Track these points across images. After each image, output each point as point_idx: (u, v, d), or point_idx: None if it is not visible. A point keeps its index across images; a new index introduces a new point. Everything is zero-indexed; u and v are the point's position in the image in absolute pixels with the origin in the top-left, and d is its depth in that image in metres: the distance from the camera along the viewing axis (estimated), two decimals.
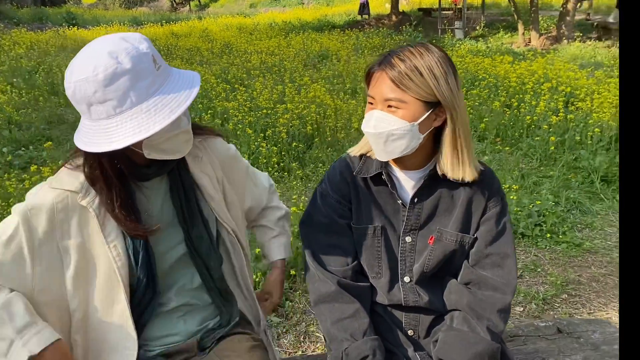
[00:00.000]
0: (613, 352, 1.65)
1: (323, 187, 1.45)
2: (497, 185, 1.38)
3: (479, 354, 1.27)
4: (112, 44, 1.09)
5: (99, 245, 1.21)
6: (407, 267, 1.40)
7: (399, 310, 1.44)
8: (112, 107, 1.07)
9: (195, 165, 1.35)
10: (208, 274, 1.35)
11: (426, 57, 1.23)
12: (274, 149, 4.58)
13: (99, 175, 1.19)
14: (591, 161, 4.78)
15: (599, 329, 1.79)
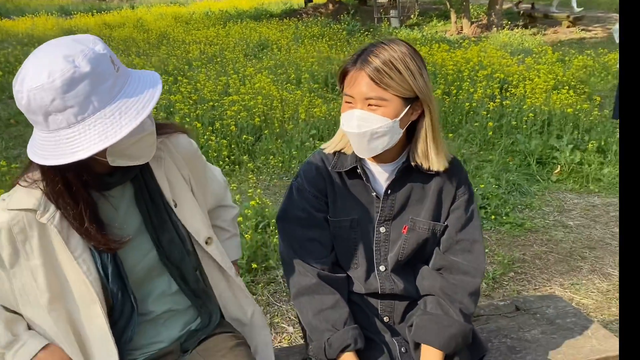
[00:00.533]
0: (566, 326, 1.80)
1: (299, 181, 1.48)
2: (464, 174, 1.47)
3: (453, 336, 1.36)
4: (65, 47, 1.01)
5: (67, 262, 1.15)
6: (382, 256, 1.47)
7: (374, 298, 1.51)
8: (73, 115, 0.99)
9: (159, 168, 1.28)
10: (182, 278, 1.31)
11: (400, 53, 1.28)
12: (223, 142, 4.55)
13: (62, 190, 1.11)
14: (527, 144, 5.05)
15: (552, 304, 1.93)
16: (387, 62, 1.27)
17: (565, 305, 1.91)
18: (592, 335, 1.74)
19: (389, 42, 1.32)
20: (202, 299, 1.37)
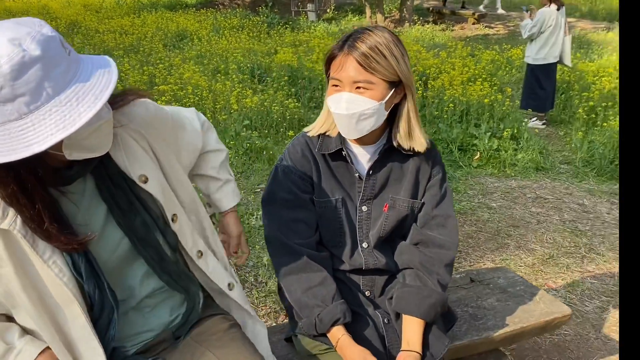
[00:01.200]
0: (517, 293, 1.98)
1: (284, 164, 1.53)
2: (438, 155, 1.58)
3: (433, 305, 1.47)
4: (9, 30, 0.90)
5: (38, 266, 1.08)
6: (364, 233, 1.55)
7: (356, 275, 1.59)
8: (25, 104, 0.89)
9: (116, 148, 1.16)
10: (160, 260, 1.24)
11: (384, 39, 1.36)
12: None
13: (15, 190, 1.00)
14: (449, 133, 5.36)
15: (501, 275, 2.12)
16: (373, 47, 1.34)
17: (513, 276, 2.11)
18: (540, 300, 1.94)
19: (373, 29, 1.39)
20: (182, 280, 1.31)
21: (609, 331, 2.59)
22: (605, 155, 4.95)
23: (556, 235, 3.60)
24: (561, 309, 1.89)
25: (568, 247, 3.45)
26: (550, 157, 5.16)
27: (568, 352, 2.43)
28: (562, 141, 5.78)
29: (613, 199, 4.28)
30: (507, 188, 4.49)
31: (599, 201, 4.23)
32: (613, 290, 2.95)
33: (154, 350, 1.30)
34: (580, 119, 5.87)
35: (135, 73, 5.84)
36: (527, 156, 5.06)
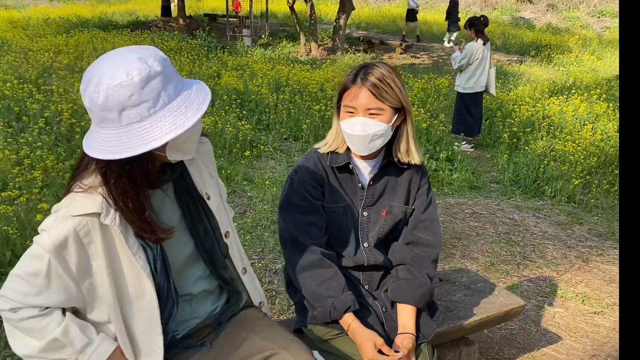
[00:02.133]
0: (478, 289, 2.31)
1: (299, 175, 1.77)
2: (425, 168, 1.88)
3: (424, 294, 1.75)
4: (137, 52, 1.14)
5: (125, 259, 1.27)
6: (365, 235, 1.82)
7: (357, 271, 1.85)
8: (147, 109, 1.11)
9: (191, 165, 1.44)
10: (213, 264, 1.49)
11: (388, 73, 1.65)
12: None
13: (126, 184, 1.20)
14: None
15: (464, 275, 2.45)
16: (382, 79, 1.63)
17: (474, 275, 2.44)
18: (499, 294, 2.28)
19: (378, 64, 1.69)
20: (230, 284, 1.56)
21: (547, 325, 2.99)
22: (528, 175, 5.52)
23: (494, 246, 4.03)
24: (516, 300, 2.23)
25: (505, 256, 3.88)
26: (481, 177, 5.67)
27: (515, 343, 2.79)
28: (489, 163, 6.35)
29: (538, 213, 4.81)
30: (446, 205, 4.91)
31: (526, 216, 4.74)
32: (546, 291, 3.38)
33: (199, 335, 1.50)
34: (505, 143, 6.48)
35: None
36: (461, 176, 5.54)
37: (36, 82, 6.41)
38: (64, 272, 1.22)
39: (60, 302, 1.25)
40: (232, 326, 1.53)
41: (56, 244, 1.19)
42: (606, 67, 13.11)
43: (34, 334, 1.25)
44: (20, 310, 1.23)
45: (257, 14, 16.45)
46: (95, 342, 1.30)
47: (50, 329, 1.24)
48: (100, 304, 1.30)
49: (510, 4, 23.56)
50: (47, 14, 17.11)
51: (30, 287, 1.22)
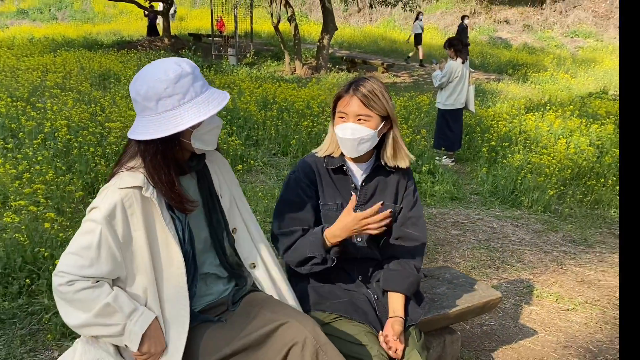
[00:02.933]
0: (460, 283, 2.53)
1: (296, 174, 1.99)
2: (411, 171, 2.10)
3: (412, 283, 1.96)
4: (172, 59, 1.50)
5: (160, 228, 1.54)
6: None
7: (351, 264, 2.05)
8: (177, 100, 1.44)
9: (211, 168, 1.74)
10: (222, 253, 1.73)
11: (377, 86, 1.89)
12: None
13: (159, 160, 1.49)
14: None
15: (446, 271, 2.67)
16: (372, 91, 1.87)
17: (456, 272, 2.67)
18: (478, 287, 2.50)
19: (369, 79, 1.92)
20: (236, 271, 1.79)
21: (524, 321, 3.22)
22: (507, 186, 5.80)
23: (475, 252, 4.27)
24: (494, 293, 2.46)
25: (485, 261, 4.11)
26: (462, 189, 5.93)
27: (495, 337, 3.01)
28: (469, 176, 6.62)
29: (516, 222, 5.08)
30: (429, 214, 5.15)
31: (505, 224, 5.00)
32: (524, 291, 3.61)
33: (215, 312, 1.71)
34: (484, 156, 6.78)
35: (81, 110, 5.98)
36: (443, 188, 5.79)
37: (29, 100, 6.55)
38: (113, 242, 1.45)
39: (108, 272, 1.47)
40: (243, 304, 1.74)
41: (106, 214, 1.44)
42: (580, 85, 13.64)
43: (87, 304, 1.44)
44: (76, 282, 1.43)
45: (242, 34, 16.77)
46: (140, 309, 1.51)
47: (102, 297, 1.45)
48: (137, 274, 1.52)
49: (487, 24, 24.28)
50: (31, 34, 17.24)
51: (84, 260, 1.44)
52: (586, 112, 9.19)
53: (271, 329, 1.55)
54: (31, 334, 2.60)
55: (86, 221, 1.47)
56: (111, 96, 7.60)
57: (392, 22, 25.69)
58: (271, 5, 14.49)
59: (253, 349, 1.56)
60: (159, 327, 1.54)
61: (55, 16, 28.03)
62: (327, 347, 1.55)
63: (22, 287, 2.85)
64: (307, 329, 1.54)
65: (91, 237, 1.44)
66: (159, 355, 1.53)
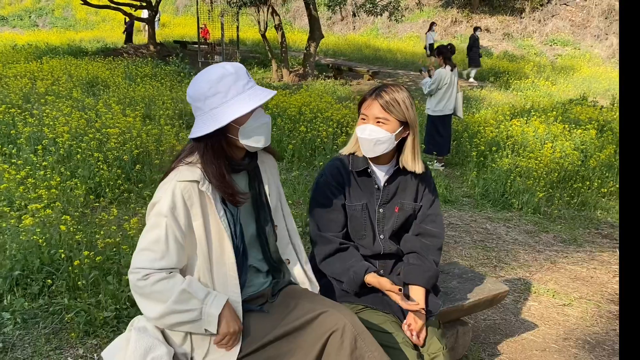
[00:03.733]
0: (469, 278, 2.66)
1: (324, 178, 2.10)
2: (430, 173, 2.22)
3: (431, 277, 2.08)
4: (220, 63, 1.64)
5: (214, 220, 1.66)
6: (382, 228, 2.14)
7: (374, 259, 2.17)
8: (221, 98, 1.56)
9: (262, 168, 1.85)
10: (267, 248, 1.84)
11: (401, 93, 2.01)
12: (118, 172, 4.72)
13: (211, 154, 1.62)
14: None
15: (455, 267, 2.80)
16: (392, 97, 1.99)
17: (464, 267, 2.80)
18: (487, 282, 2.63)
19: (394, 86, 2.04)
20: (277, 266, 1.90)
21: (524, 316, 3.36)
22: (497, 189, 5.98)
23: (471, 252, 4.42)
24: (502, 287, 2.59)
25: (483, 260, 4.26)
26: (453, 192, 6.10)
27: (499, 331, 3.15)
28: (460, 179, 6.80)
29: (508, 223, 5.25)
30: None
31: (497, 226, 5.17)
32: (521, 288, 3.76)
33: (255, 303, 1.81)
34: (473, 161, 6.96)
35: (77, 116, 6.01)
36: (439, 190, 5.94)
37: (23, 107, 6.55)
38: (178, 232, 1.57)
39: (178, 262, 1.58)
40: (282, 296, 1.85)
41: (169, 206, 1.56)
42: (560, 92, 14.00)
43: (164, 294, 1.55)
44: (151, 275, 1.54)
45: (227, 41, 16.84)
46: (213, 292, 1.63)
47: (177, 286, 1.56)
48: (195, 262, 1.63)
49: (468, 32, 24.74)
50: (14, 41, 17.08)
51: (155, 254, 1.54)
52: (568, 118, 9.47)
53: (312, 317, 1.65)
54: (54, 332, 2.66)
55: (151, 217, 1.58)
56: (103, 102, 7.64)
57: (376, 30, 26.00)
58: (258, 13, 14.60)
59: (294, 336, 1.66)
60: (232, 308, 1.65)
61: (35, 23, 27.79)
62: (364, 334, 1.66)
63: (41, 288, 2.91)
64: (346, 317, 1.65)
65: (159, 231, 1.55)
66: (238, 335, 1.65)
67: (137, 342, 1.59)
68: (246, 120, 1.62)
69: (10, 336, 2.61)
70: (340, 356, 1.62)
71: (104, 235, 3.36)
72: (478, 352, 2.86)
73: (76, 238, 3.23)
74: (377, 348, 1.66)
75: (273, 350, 1.67)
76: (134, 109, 7.30)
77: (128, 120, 6.10)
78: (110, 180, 4.60)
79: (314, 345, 1.63)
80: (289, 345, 1.67)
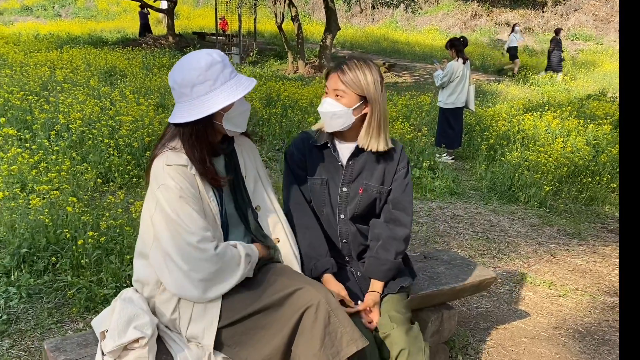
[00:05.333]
0: (457, 264, 2.72)
1: (291, 149, 2.16)
2: (404, 154, 2.16)
3: (389, 269, 2.05)
4: (204, 50, 1.69)
5: (205, 201, 1.76)
6: (343, 208, 2.13)
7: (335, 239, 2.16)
8: (209, 85, 1.63)
9: (238, 151, 1.93)
10: (247, 224, 1.91)
11: (363, 68, 1.98)
12: (128, 158, 4.85)
13: (194, 139, 1.70)
14: None
15: (445, 254, 2.85)
16: (353, 70, 1.98)
17: (454, 254, 2.85)
18: (474, 268, 2.68)
19: (358, 59, 2.03)
20: (263, 244, 1.95)
21: (517, 305, 3.40)
22: (504, 182, 5.99)
23: (472, 242, 4.45)
24: (489, 273, 2.64)
25: (482, 250, 4.30)
26: (461, 185, 6.12)
27: (490, 318, 3.20)
28: (468, 173, 6.81)
29: (512, 216, 5.26)
30: (429, 208, 5.33)
31: (502, 218, 5.19)
32: (518, 278, 3.80)
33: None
34: (483, 154, 6.96)
35: (92, 104, 6.17)
36: (442, 183, 5.98)
37: (40, 94, 6.74)
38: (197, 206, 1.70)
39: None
40: (262, 272, 1.90)
41: (178, 187, 1.67)
42: (579, 88, 13.82)
43: (234, 260, 1.73)
44: (218, 246, 1.70)
45: (245, 33, 16.95)
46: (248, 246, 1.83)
47: (236, 252, 1.74)
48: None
49: (488, 26, 24.47)
50: (36, 30, 17.43)
51: (195, 222, 1.67)
52: (584, 113, 9.37)
53: (289, 293, 1.73)
54: (57, 307, 2.79)
55: (166, 202, 1.67)
56: (119, 91, 7.79)
57: (395, 22, 25.87)
58: (275, 5, 14.67)
59: (272, 310, 1.74)
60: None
61: (58, 13, 28.27)
62: (338, 310, 1.73)
63: (47, 266, 3.04)
64: (321, 294, 1.72)
65: (187, 207, 1.67)
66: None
67: (122, 311, 1.69)
68: (230, 107, 1.71)
69: (15, 309, 2.74)
70: (314, 330, 1.69)
71: (109, 217, 3.48)
72: (466, 337, 2.91)
73: (82, 219, 3.35)
74: (349, 323, 1.73)
75: (251, 323, 1.76)
76: (148, 98, 7.44)
77: (141, 108, 6.22)
78: (120, 166, 4.73)
79: (290, 319, 1.71)
80: (266, 318, 1.75)
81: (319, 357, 1.67)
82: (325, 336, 1.68)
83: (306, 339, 1.69)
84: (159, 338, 1.76)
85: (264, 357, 1.72)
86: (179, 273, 1.67)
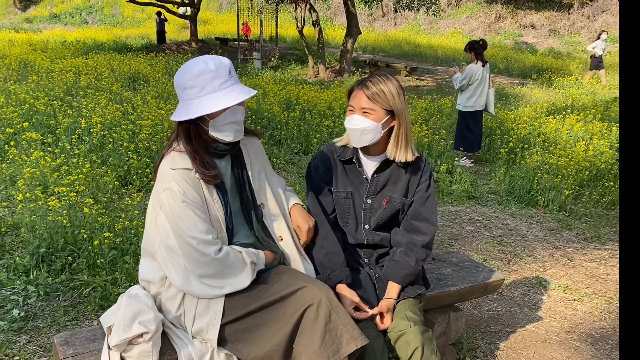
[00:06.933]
0: (465, 266, 2.71)
1: (315, 162, 2.20)
2: (427, 168, 2.21)
3: (408, 275, 2.09)
4: (207, 55, 1.76)
5: (209, 203, 1.81)
6: (367, 219, 2.19)
7: (359, 248, 2.23)
8: (196, 92, 1.68)
9: (244, 151, 1.97)
10: (251, 222, 1.96)
11: (387, 83, 2.05)
12: (147, 161, 4.96)
13: (190, 137, 1.77)
14: None
15: (454, 256, 2.85)
16: (378, 86, 2.03)
17: (462, 256, 2.85)
18: (482, 270, 2.67)
19: (380, 75, 2.10)
20: (265, 244, 1.99)
21: (530, 308, 3.37)
22: (523, 186, 5.92)
23: (487, 246, 4.42)
24: (497, 275, 2.63)
25: (497, 254, 4.26)
26: (479, 188, 6.07)
27: (501, 321, 3.17)
28: (488, 176, 6.75)
29: (531, 220, 5.20)
30: (445, 212, 5.31)
31: (519, 222, 5.13)
32: (532, 282, 3.76)
33: None
34: (502, 158, 6.89)
35: (113, 108, 6.32)
36: (460, 187, 5.94)
37: (64, 100, 6.92)
38: (200, 209, 1.75)
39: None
40: (268, 272, 1.94)
41: (182, 192, 1.72)
42: (605, 90, 13.57)
43: (238, 264, 1.79)
44: (221, 249, 1.76)
45: (267, 38, 17.11)
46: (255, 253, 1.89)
47: (240, 257, 1.80)
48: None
49: (513, 29, 24.21)
50: (63, 37, 17.88)
51: (196, 226, 1.72)
52: (609, 116, 9.21)
53: (291, 291, 1.77)
54: (73, 305, 2.87)
55: (170, 208, 1.72)
56: (141, 96, 7.95)
57: (417, 26, 25.79)
58: (296, 10, 14.77)
59: (274, 307, 1.78)
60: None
61: (85, 20, 28.97)
62: (338, 309, 1.75)
63: (64, 265, 3.13)
64: (323, 292, 1.75)
65: (188, 212, 1.73)
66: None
67: (127, 306, 1.74)
68: (218, 115, 1.74)
69: (33, 307, 2.84)
70: (315, 328, 1.72)
71: (125, 219, 3.57)
72: (475, 339, 2.90)
73: (99, 220, 3.44)
74: (350, 322, 1.75)
75: (254, 320, 1.80)
76: (169, 102, 7.57)
77: (161, 113, 6.34)
78: (139, 169, 4.84)
79: (292, 316, 1.75)
80: (269, 315, 1.78)
81: (319, 354, 1.70)
82: (326, 334, 1.72)
83: (307, 336, 1.73)
84: (164, 334, 1.81)
85: (265, 354, 1.76)
86: (182, 269, 1.75)
